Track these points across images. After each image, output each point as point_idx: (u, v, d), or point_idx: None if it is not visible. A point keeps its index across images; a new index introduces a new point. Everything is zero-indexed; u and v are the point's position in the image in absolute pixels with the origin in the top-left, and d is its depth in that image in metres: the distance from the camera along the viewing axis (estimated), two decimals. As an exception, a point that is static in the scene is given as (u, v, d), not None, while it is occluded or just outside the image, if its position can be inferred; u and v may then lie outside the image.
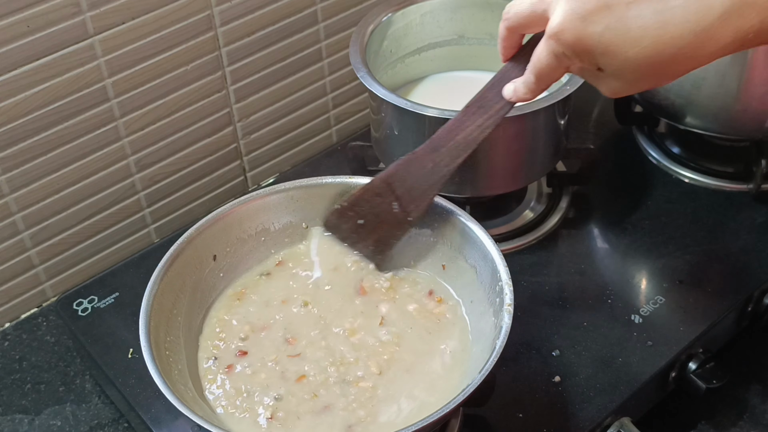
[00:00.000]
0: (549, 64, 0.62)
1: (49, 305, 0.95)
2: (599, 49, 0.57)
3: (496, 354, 0.64)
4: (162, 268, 0.72)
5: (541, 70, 0.64)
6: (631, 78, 0.59)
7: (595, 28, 0.57)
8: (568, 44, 0.59)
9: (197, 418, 0.62)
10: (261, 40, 0.97)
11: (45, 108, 0.84)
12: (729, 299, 0.85)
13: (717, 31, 0.55)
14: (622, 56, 0.57)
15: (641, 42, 0.56)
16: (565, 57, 0.60)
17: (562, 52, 0.60)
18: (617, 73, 0.59)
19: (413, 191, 0.74)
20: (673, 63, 0.57)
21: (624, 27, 0.56)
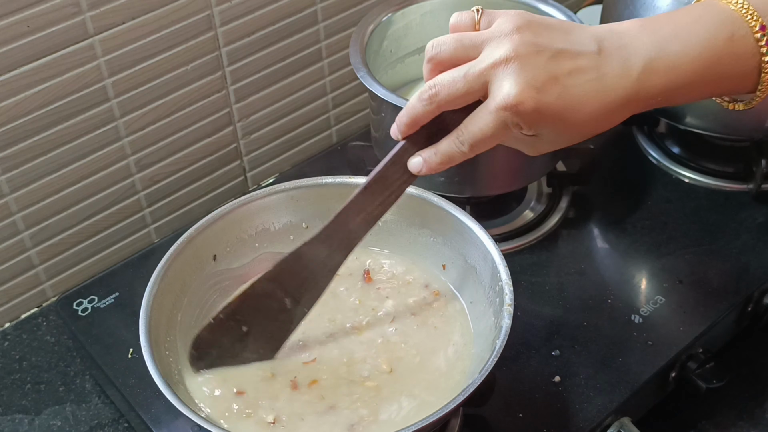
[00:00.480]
0: (494, 135, 0.62)
1: (49, 305, 0.95)
2: (551, 117, 0.61)
3: (496, 354, 0.64)
4: (162, 268, 0.72)
5: (481, 140, 0.63)
6: (565, 139, 0.64)
7: (549, 98, 0.60)
8: (525, 114, 0.60)
9: (197, 418, 0.62)
10: (261, 40, 0.97)
11: (45, 108, 0.84)
12: (729, 299, 0.85)
13: (636, 94, 0.62)
14: (571, 120, 0.61)
15: (583, 108, 0.61)
16: (515, 127, 0.61)
17: (516, 122, 0.61)
18: (558, 135, 0.63)
19: (307, 283, 0.70)
20: (604, 122, 0.63)
21: (570, 95, 0.61)
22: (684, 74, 0.62)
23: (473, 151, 0.64)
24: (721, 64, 0.63)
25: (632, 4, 0.93)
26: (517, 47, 0.60)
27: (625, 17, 0.93)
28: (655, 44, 0.62)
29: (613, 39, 0.63)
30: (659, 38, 0.63)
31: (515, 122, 0.61)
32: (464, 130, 0.63)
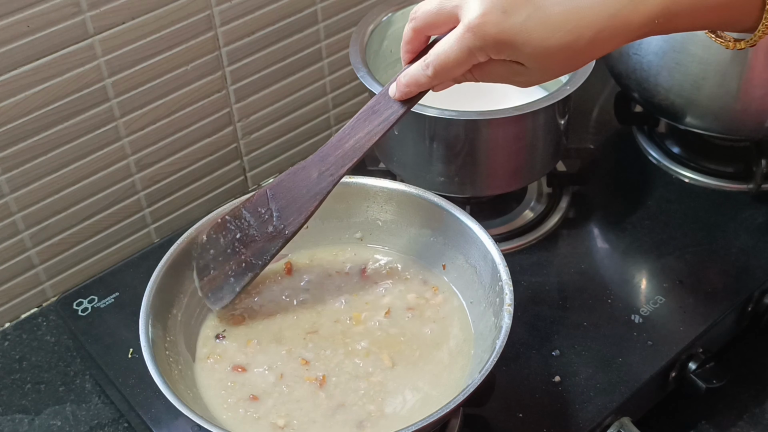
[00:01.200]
0: (457, 59, 0.60)
1: (49, 305, 0.95)
2: (521, 38, 0.57)
3: (496, 354, 0.64)
4: (162, 268, 0.72)
5: (444, 63, 0.61)
6: (551, 65, 0.60)
7: (517, 18, 0.57)
8: (488, 36, 0.58)
9: (197, 417, 0.62)
10: (261, 40, 0.97)
11: (45, 108, 0.84)
12: (729, 299, 0.85)
13: (628, 14, 0.57)
14: (545, 44, 0.57)
15: (563, 27, 0.57)
16: (479, 51, 0.59)
17: (478, 46, 0.58)
18: (537, 62, 0.59)
19: (296, 202, 0.71)
20: (591, 47, 0.58)
21: (544, 15, 0.57)
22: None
23: (437, 76, 0.62)
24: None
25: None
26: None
27: (625, 17, 0.93)
28: None
29: None
30: None
31: (478, 46, 0.58)
32: (431, 53, 0.62)
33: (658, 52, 0.90)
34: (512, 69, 0.61)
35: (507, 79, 0.62)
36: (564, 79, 0.92)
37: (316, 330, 0.74)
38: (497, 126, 0.83)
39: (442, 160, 0.86)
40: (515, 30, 0.57)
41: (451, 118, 0.82)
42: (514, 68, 0.60)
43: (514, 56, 0.59)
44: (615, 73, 0.99)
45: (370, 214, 0.80)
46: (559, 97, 0.83)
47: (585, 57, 0.60)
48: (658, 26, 0.59)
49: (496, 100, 0.98)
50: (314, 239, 0.81)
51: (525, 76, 0.61)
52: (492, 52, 0.59)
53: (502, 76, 0.62)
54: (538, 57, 0.58)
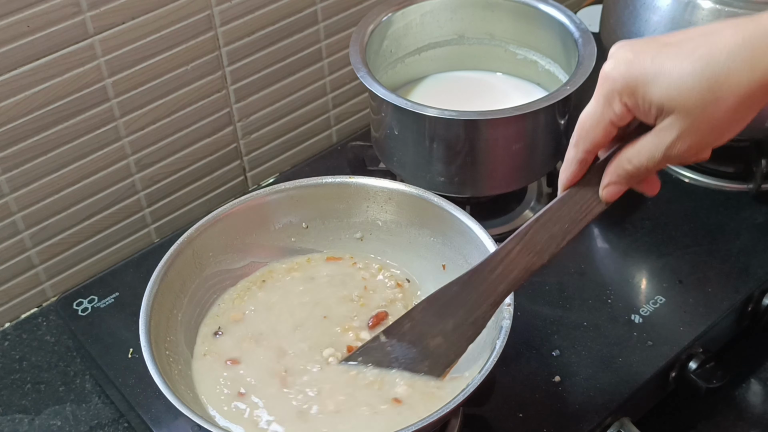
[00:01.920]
0: (593, 113, 0.58)
1: (49, 305, 0.95)
2: (652, 72, 0.55)
3: (496, 354, 0.64)
4: (162, 268, 0.72)
5: (583, 122, 0.59)
6: (693, 103, 0.55)
7: (647, 57, 0.55)
8: (619, 78, 0.56)
9: (197, 417, 0.62)
10: (261, 40, 0.97)
11: (45, 108, 0.84)
12: (729, 299, 0.85)
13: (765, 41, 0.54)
14: (677, 72, 0.54)
15: (693, 53, 0.54)
16: (614, 98, 0.57)
17: (611, 90, 0.57)
18: (675, 99, 0.55)
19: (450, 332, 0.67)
20: (730, 74, 0.54)
21: (674, 48, 0.55)
22: None
23: (579, 142, 0.60)
24: None
25: (632, 4, 0.93)
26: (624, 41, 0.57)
27: (625, 17, 0.94)
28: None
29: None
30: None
31: (610, 89, 0.56)
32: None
33: (658, 52, 0.90)
34: (664, 131, 0.56)
35: (664, 147, 0.57)
36: (564, 78, 0.92)
37: (316, 328, 0.74)
38: (497, 126, 0.83)
39: (442, 160, 0.86)
40: (646, 65, 0.55)
41: (451, 118, 0.82)
42: (665, 128, 0.56)
43: (651, 97, 0.56)
44: (615, 73, 0.99)
45: (370, 214, 0.80)
46: (559, 97, 0.83)
47: (732, 89, 0.54)
48: None
49: (496, 100, 0.98)
50: (314, 239, 0.81)
51: (680, 136, 0.56)
52: (627, 96, 0.57)
53: (659, 146, 0.57)
54: (676, 90, 0.55)
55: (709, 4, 0.86)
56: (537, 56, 0.97)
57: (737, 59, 0.53)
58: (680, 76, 0.54)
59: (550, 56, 0.96)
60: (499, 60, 1.00)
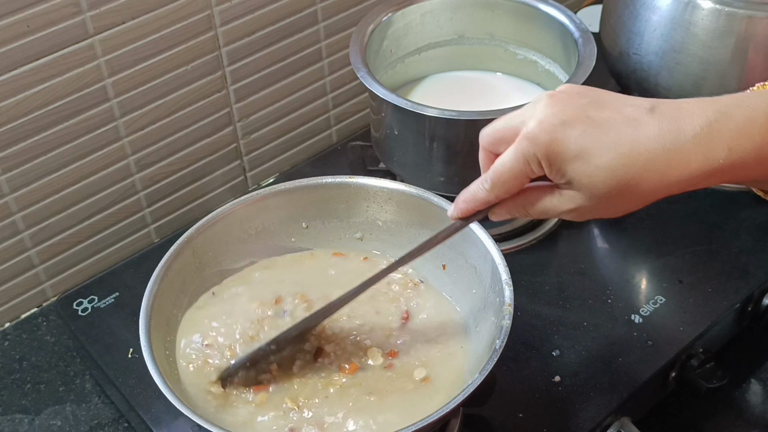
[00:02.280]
0: (512, 168, 0.60)
1: (49, 305, 0.95)
2: (573, 151, 0.57)
3: (496, 354, 0.64)
4: (162, 268, 0.72)
5: (501, 173, 0.60)
6: (601, 192, 0.58)
7: (572, 131, 0.57)
8: (542, 143, 0.57)
9: (197, 417, 0.62)
10: (261, 40, 0.97)
11: (45, 108, 0.84)
12: (729, 299, 0.85)
13: (688, 152, 0.56)
14: (594, 162, 0.56)
15: (615, 148, 0.56)
16: (532, 158, 0.58)
17: (532, 153, 0.58)
18: (588, 185, 0.58)
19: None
20: (641, 180, 0.57)
21: (599, 132, 0.56)
22: (752, 142, 0.56)
23: (494, 187, 0.61)
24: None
25: (632, 4, 0.93)
26: (556, 93, 0.59)
27: (625, 17, 0.94)
28: (716, 110, 0.57)
29: (670, 103, 0.58)
30: (721, 105, 0.57)
31: (532, 153, 0.58)
32: (491, 168, 0.61)
33: (658, 52, 0.91)
34: (565, 198, 0.60)
35: (559, 210, 0.61)
36: (564, 78, 0.92)
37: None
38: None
39: (442, 160, 0.86)
40: (569, 141, 0.57)
41: (451, 118, 0.82)
42: (567, 197, 0.60)
43: (564, 172, 0.58)
44: (615, 73, 0.99)
45: (370, 214, 0.80)
46: (559, 97, 0.83)
47: (635, 192, 0.58)
48: (719, 172, 0.57)
49: (496, 100, 0.98)
50: (314, 239, 0.81)
51: (573, 201, 0.60)
52: (545, 162, 0.58)
53: (555, 207, 0.61)
54: (588, 177, 0.57)
55: (709, 4, 0.86)
56: (537, 56, 0.97)
57: (652, 168, 0.57)
58: (596, 167, 0.57)
59: (550, 56, 0.96)
60: (499, 60, 1.00)
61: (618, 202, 0.59)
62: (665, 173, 0.57)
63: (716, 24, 0.86)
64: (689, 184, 0.58)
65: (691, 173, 0.57)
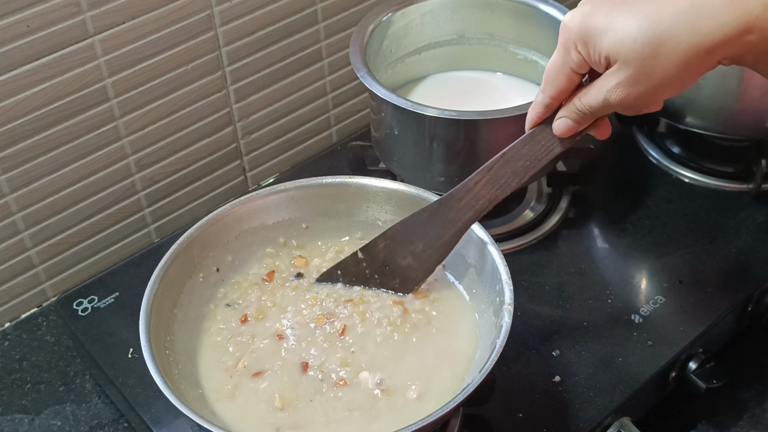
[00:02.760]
0: (555, 62, 0.64)
1: (49, 305, 0.95)
2: (603, 25, 0.59)
3: (496, 354, 0.64)
4: (162, 268, 0.72)
5: (548, 72, 0.65)
6: (634, 55, 0.59)
7: (600, 10, 0.60)
8: (573, 28, 0.61)
9: (197, 417, 0.62)
10: (261, 40, 0.97)
11: (45, 108, 0.84)
12: (729, 299, 0.85)
13: (719, 5, 0.56)
14: (623, 28, 0.58)
15: (642, 10, 0.58)
16: (572, 46, 0.62)
17: (569, 40, 0.62)
18: (620, 51, 0.59)
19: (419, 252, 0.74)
20: (672, 35, 0.57)
21: (626, 5, 0.59)
22: None
23: (546, 89, 0.66)
24: None
25: (632, 4, 0.93)
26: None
27: (625, 17, 0.93)
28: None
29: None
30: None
31: (569, 40, 0.62)
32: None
33: (658, 52, 0.90)
34: (607, 77, 0.61)
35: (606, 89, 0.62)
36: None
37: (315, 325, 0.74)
38: (497, 126, 0.83)
39: (442, 160, 0.86)
40: (598, 18, 0.60)
41: (451, 118, 0.82)
42: (608, 75, 0.61)
43: (600, 49, 0.60)
44: (615, 73, 0.99)
45: (370, 214, 0.80)
46: (559, 97, 0.83)
47: (671, 46, 0.58)
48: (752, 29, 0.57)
49: (496, 100, 0.98)
50: (314, 239, 0.81)
51: (620, 83, 0.61)
52: (581, 45, 0.61)
53: (601, 88, 0.62)
54: (620, 43, 0.59)
55: (709, 4, 0.86)
56: (537, 56, 0.97)
57: (681, 22, 0.57)
58: (626, 31, 0.59)
59: (550, 56, 0.96)
60: (499, 60, 1.00)
61: (657, 65, 0.59)
62: (695, 26, 0.57)
63: (716, 24, 0.86)
64: (725, 41, 0.57)
65: (723, 25, 0.57)
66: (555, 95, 0.66)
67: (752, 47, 0.58)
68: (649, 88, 0.60)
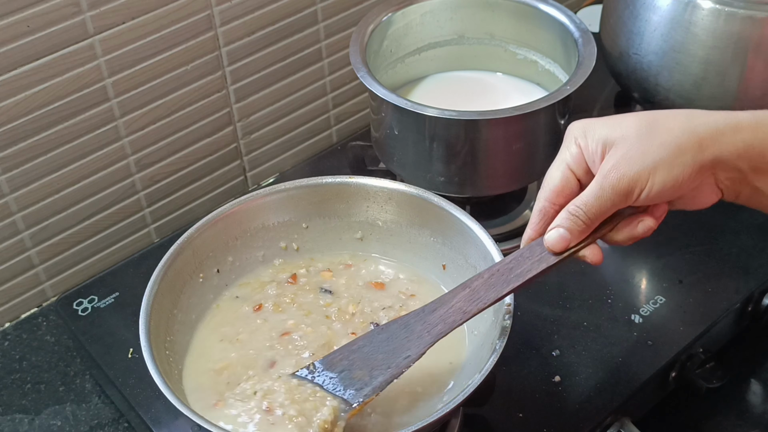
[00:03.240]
0: (553, 163, 0.65)
1: (49, 305, 0.95)
2: (603, 120, 0.64)
3: (496, 354, 0.64)
4: (162, 268, 0.72)
5: (546, 174, 0.66)
6: (630, 133, 0.62)
7: (601, 119, 0.65)
8: (576, 127, 0.65)
9: (197, 417, 0.62)
10: (261, 40, 0.97)
11: (45, 108, 0.84)
12: (729, 299, 0.85)
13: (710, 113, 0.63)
14: (622, 118, 0.63)
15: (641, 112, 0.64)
16: (572, 140, 0.64)
17: (569, 134, 0.65)
18: (616, 131, 0.62)
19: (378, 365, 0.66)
20: (667, 119, 0.63)
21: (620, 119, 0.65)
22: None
23: (543, 190, 0.65)
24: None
25: (632, 4, 0.93)
26: None
27: (625, 17, 0.94)
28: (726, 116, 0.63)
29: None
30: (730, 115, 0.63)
31: (569, 135, 0.65)
32: None
33: (658, 52, 0.90)
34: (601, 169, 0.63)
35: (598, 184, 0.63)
36: (564, 78, 0.92)
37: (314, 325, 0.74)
38: (497, 126, 0.83)
39: (442, 160, 0.86)
40: (599, 120, 0.65)
41: (451, 118, 0.82)
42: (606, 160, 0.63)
43: (599, 135, 0.63)
44: (615, 73, 0.99)
45: (370, 214, 0.80)
46: (559, 97, 0.83)
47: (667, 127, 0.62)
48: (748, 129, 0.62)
49: (496, 100, 0.98)
50: (315, 239, 0.81)
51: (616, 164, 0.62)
52: (580, 137, 0.64)
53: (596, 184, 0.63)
54: (618, 125, 0.63)
55: (709, 4, 0.86)
56: (537, 56, 0.97)
57: (677, 113, 0.63)
58: (624, 118, 0.63)
59: (550, 56, 0.96)
60: (499, 60, 1.00)
61: (652, 144, 0.61)
62: (689, 116, 0.62)
63: (716, 24, 0.86)
64: (716, 135, 0.61)
65: (716, 120, 0.62)
66: (552, 197, 0.65)
67: (744, 149, 0.61)
68: (643, 168, 0.61)
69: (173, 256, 0.73)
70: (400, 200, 0.79)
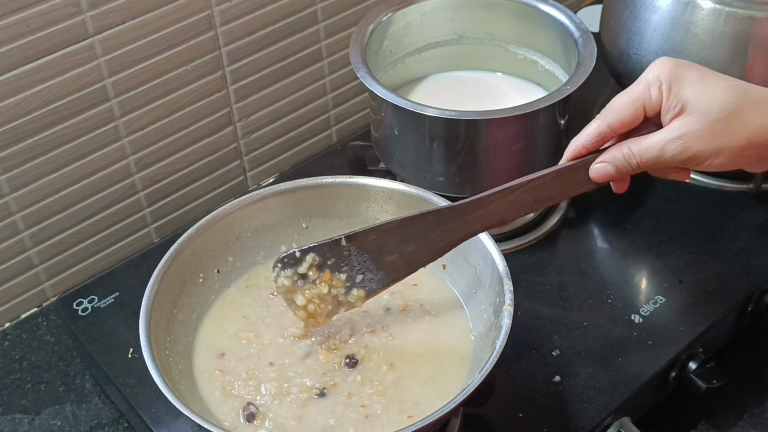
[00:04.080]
0: (630, 93, 0.64)
1: (49, 305, 0.95)
2: (695, 75, 0.63)
3: (496, 354, 0.64)
4: (162, 268, 0.72)
5: (614, 102, 0.65)
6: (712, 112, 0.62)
7: (693, 68, 0.65)
8: (666, 69, 0.64)
9: (197, 417, 0.62)
10: (261, 40, 0.97)
11: (45, 108, 0.84)
12: (729, 299, 0.85)
13: None
14: (713, 84, 0.62)
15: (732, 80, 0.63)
16: (655, 83, 0.63)
17: (656, 77, 0.63)
18: (701, 102, 0.62)
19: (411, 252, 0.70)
20: (751, 109, 0.62)
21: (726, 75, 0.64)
22: None
23: (607, 115, 0.65)
24: None
25: (632, 4, 0.93)
26: None
27: (625, 17, 0.94)
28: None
29: None
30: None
31: (656, 77, 0.63)
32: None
33: (658, 52, 0.90)
34: (673, 127, 0.63)
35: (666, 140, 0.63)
36: (564, 78, 0.92)
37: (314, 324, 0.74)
38: (497, 126, 0.83)
39: (442, 160, 0.86)
40: (692, 69, 0.64)
41: (451, 118, 0.82)
42: (676, 125, 0.63)
43: (682, 94, 0.62)
44: (615, 73, 0.99)
45: (370, 214, 0.80)
46: (559, 97, 0.83)
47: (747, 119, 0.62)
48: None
49: (496, 100, 0.98)
50: (315, 239, 0.81)
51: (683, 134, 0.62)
52: (665, 84, 0.63)
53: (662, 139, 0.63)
54: (705, 95, 0.62)
55: (709, 4, 0.86)
56: (537, 56, 0.97)
57: (764, 102, 0.62)
58: (714, 88, 0.62)
59: (550, 56, 0.96)
60: (499, 60, 1.00)
61: (726, 131, 0.61)
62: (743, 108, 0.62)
63: (716, 24, 0.86)
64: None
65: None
66: (614, 125, 0.65)
67: None
68: (707, 150, 0.62)
69: (173, 256, 0.73)
70: (400, 200, 0.79)
